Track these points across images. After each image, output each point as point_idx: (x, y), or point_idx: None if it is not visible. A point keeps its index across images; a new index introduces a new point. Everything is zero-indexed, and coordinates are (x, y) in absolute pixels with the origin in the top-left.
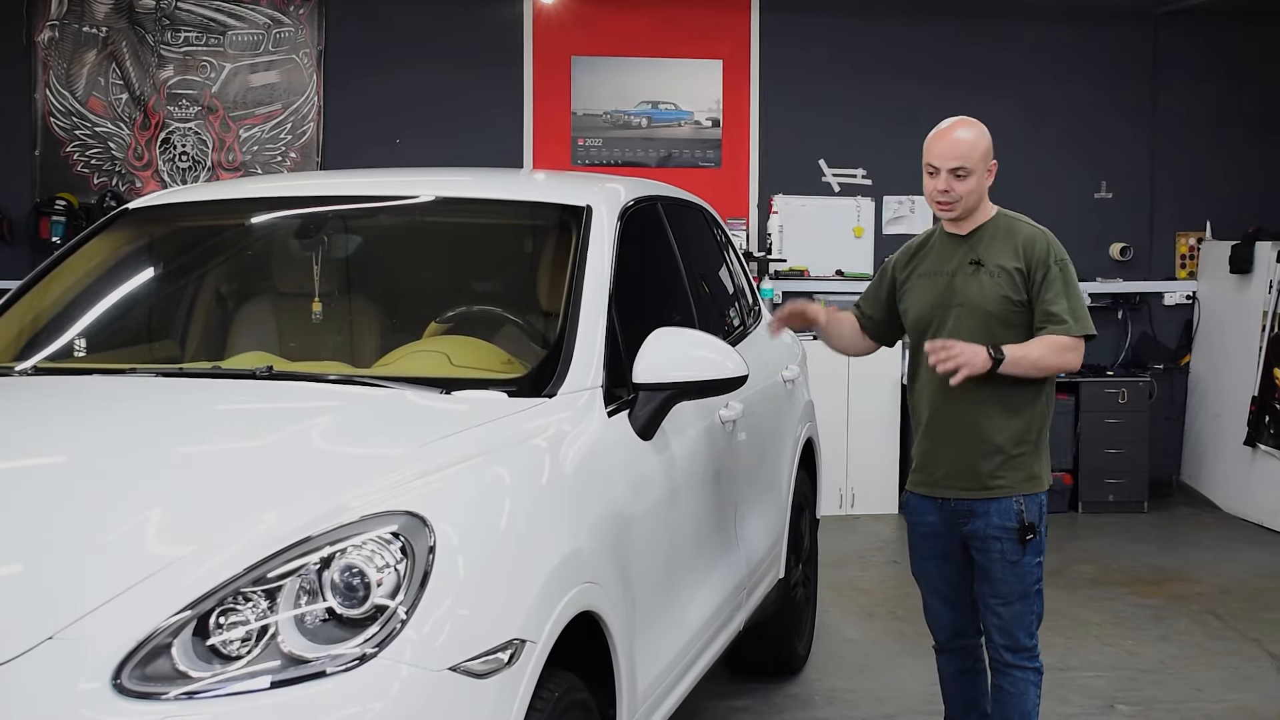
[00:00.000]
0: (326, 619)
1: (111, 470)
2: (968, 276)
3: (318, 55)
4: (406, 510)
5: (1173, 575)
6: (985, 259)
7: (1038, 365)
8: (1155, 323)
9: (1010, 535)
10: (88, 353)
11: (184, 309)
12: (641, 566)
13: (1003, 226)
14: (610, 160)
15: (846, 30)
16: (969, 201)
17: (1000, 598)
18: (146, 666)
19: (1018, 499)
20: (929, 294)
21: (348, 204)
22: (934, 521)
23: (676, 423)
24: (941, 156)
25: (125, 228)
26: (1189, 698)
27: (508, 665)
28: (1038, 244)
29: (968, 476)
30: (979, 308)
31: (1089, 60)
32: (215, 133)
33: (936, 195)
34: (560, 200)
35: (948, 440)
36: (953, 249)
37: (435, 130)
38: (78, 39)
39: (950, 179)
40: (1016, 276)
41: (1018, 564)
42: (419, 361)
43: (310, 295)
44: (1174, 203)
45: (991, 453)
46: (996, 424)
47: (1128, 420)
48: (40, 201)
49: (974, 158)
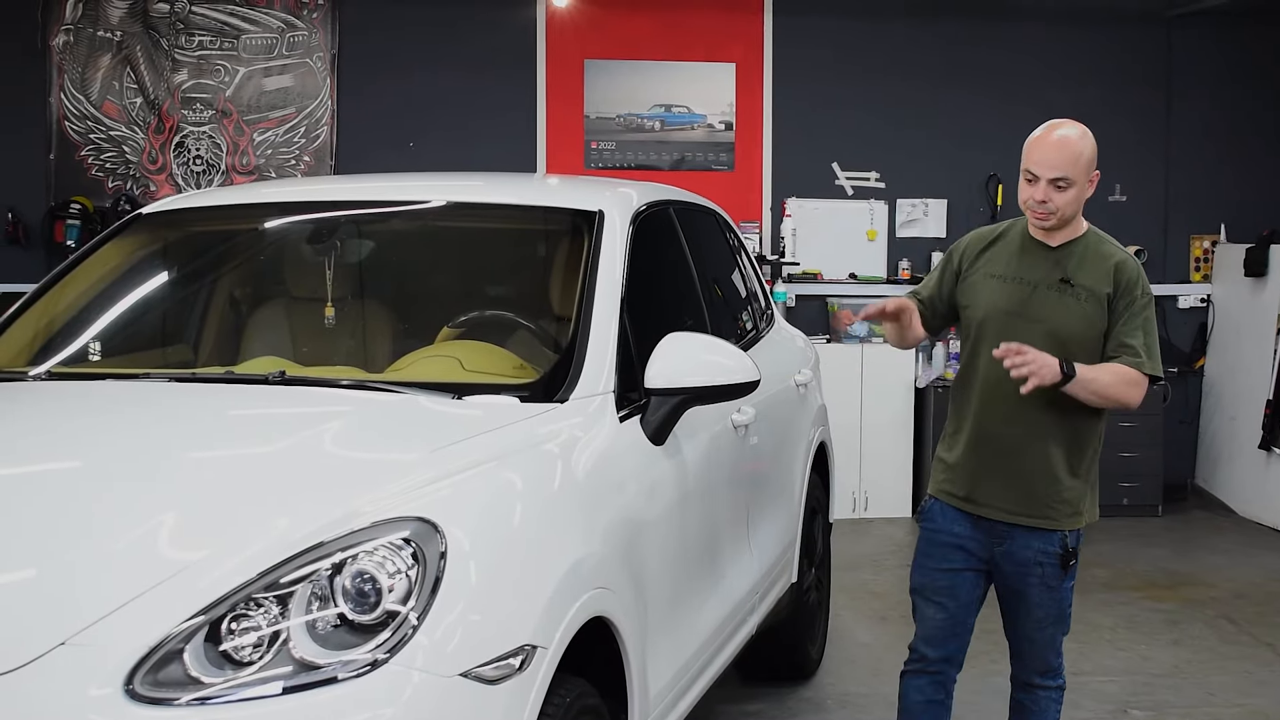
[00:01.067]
0: (338, 625)
1: (123, 475)
2: (1053, 294)
3: (331, 59)
4: (418, 516)
5: (1187, 579)
6: (1075, 279)
7: (1102, 392)
8: (1169, 326)
9: (1052, 560)
10: (102, 358)
11: (197, 314)
12: (653, 571)
13: (1094, 246)
14: (623, 163)
15: (859, 33)
16: (1067, 213)
17: (1036, 623)
18: (159, 672)
19: (1061, 532)
20: (1003, 299)
21: (360, 209)
22: (962, 534)
23: (689, 428)
24: (1042, 164)
25: (139, 232)
26: (1202, 702)
27: (519, 671)
28: (1129, 271)
29: (1016, 501)
30: (1060, 329)
31: (1102, 63)
32: (229, 136)
33: (1034, 205)
34: (572, 205)
35: (997, 459)
36: (1039, 259)
37: (448, 134)
38: (92, 43)
39: (1050, 189)
40: (1104, 302)
41: (1056, 589)
42: (431, 366)
43: (323, 300)
44: (1188, 205)
45: (1046, 481)
46: (1053, 452)
47: (1142, 424)
48: (55, 205)
49: (1078, 167)
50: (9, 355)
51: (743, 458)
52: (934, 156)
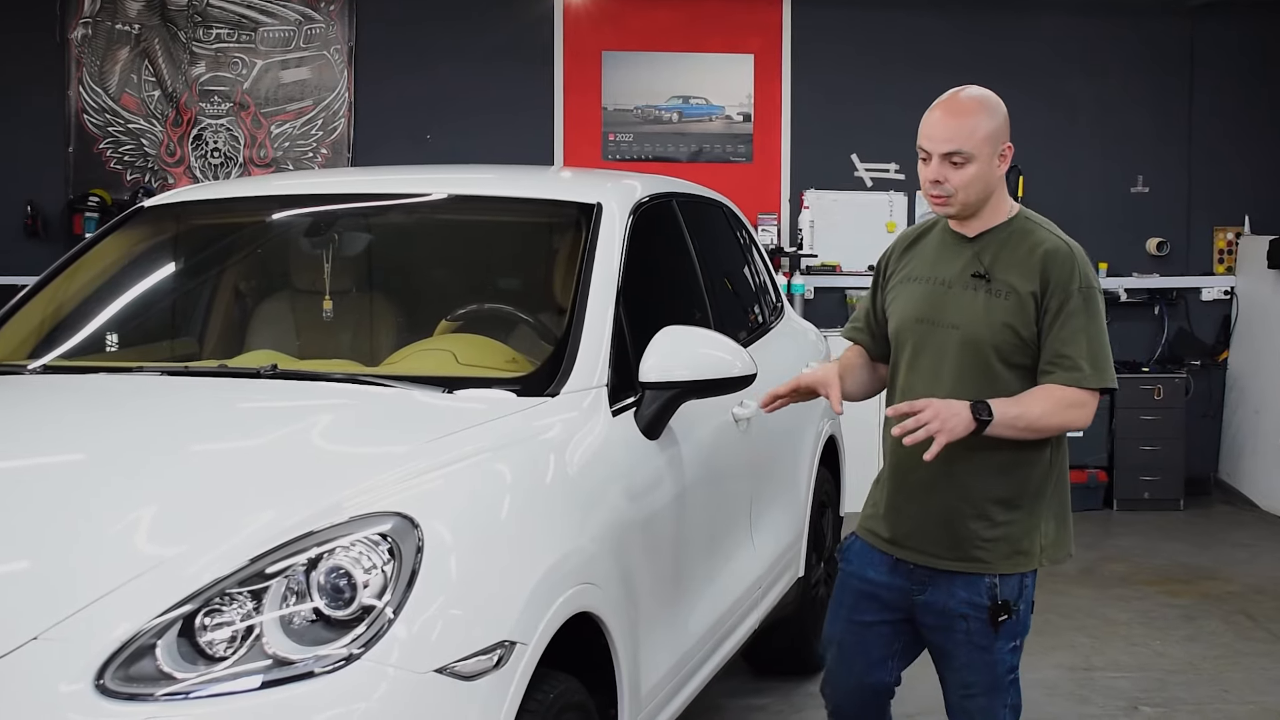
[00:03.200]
0: (314, 620)
1: (106, 470)
2: (968, 292)
3: (349, 51)
4: (395, 511)
5: (1206, 574)
6: (993, 272)
7: (1035, 426)
8: (1193, 318)
9: (979, 614)
10: (100, 351)
11: (195, 307)
12: (646, 566)
13: (1019, 233)
14: (641, 155)
15: (878, 24)
16: (970, 195)
17: (964, 688)
18: (130, 667)
19: (993, 576)
20: (916, 305)
21: (359, 202)
22: (879, 581)
23: (686, 422)
24: (931, 138)
25: (140, 226)
26: (1214, 699)
27: (496, 667)
28: (1060, 261)
29: (936, 540)
30: (974, 335)
31: (1124, 53)
32: (247, 129)
33: (929, 187)
34: (570, 197)
35: (917, 491)
36: (955, 253)
37: (466, 126)
38: (110, 36)
39: (944, 167)
40: (1029, 302)
41: (987, 649)
42: (425, 360)
43: (321, 293)
44: (1212, 197)
45: (972, 515)
46: (980, 482)
47: (1164, 417)
48: (74, 198)
49: (976, 139)
50: (8, 348)
51: (744, 452)
52: None
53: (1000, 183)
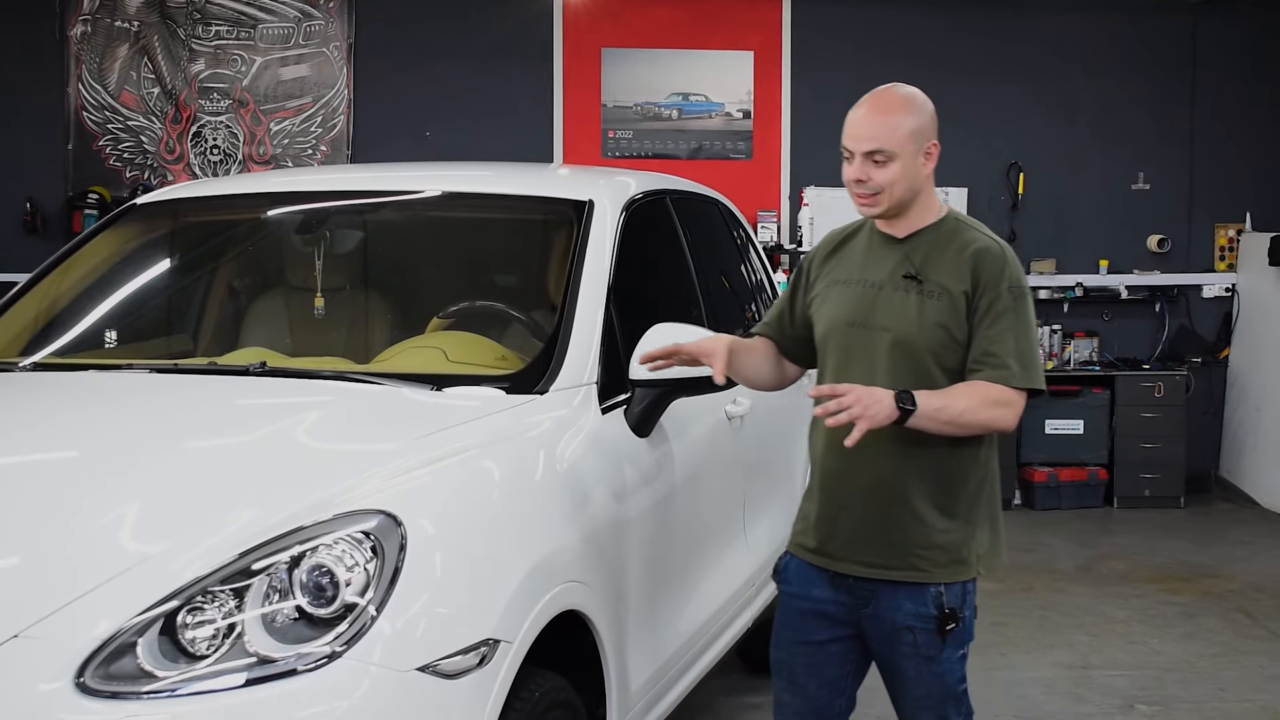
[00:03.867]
0: (297, 618)
1: (89, 468)
2: (899, 295)
3: (348, 48)
4: (378, 509)
5: (1205, 572)
6: (924, 273)
7: (958, 421)
8: (1194, 315)
9: (927, 624)
10: (91, 348)
11: (187, 304)
12: (636, 564)
13: (949, 233)
14: (641, 152)
15: (878, 22)
16: (896, 194)
17: (914, 704)
18: (110, 665)
19: (937, 585)
20: (845, 308)
21: (351, 199)
22: (822, 598)
23: (678, 419)
24: (853, 136)
25: (132, 223)
26: (1211, 697)
27: (479, 666)
28: (991, 260)
29: (875, 550)
30: (907, 338)
31: (1126, 51)
32: (246, 126)
33: (853, 186)
34: (562, 194)
35: (852, 501)
36: (885, 254)
37: (465, 123)
38: (110, 33)
39: (866, 165)
40: (961, 301)
41: (935, 660)
42: (415, 357)
43: (313, 291)
44: (1213, 194)
45: (911, 524)
46: (917, 488)
47: (1164, 414)
48: (73, 195)
49: (898, 136)
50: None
51: (738, 449)
52: (954, 145)
53: (928, 182)
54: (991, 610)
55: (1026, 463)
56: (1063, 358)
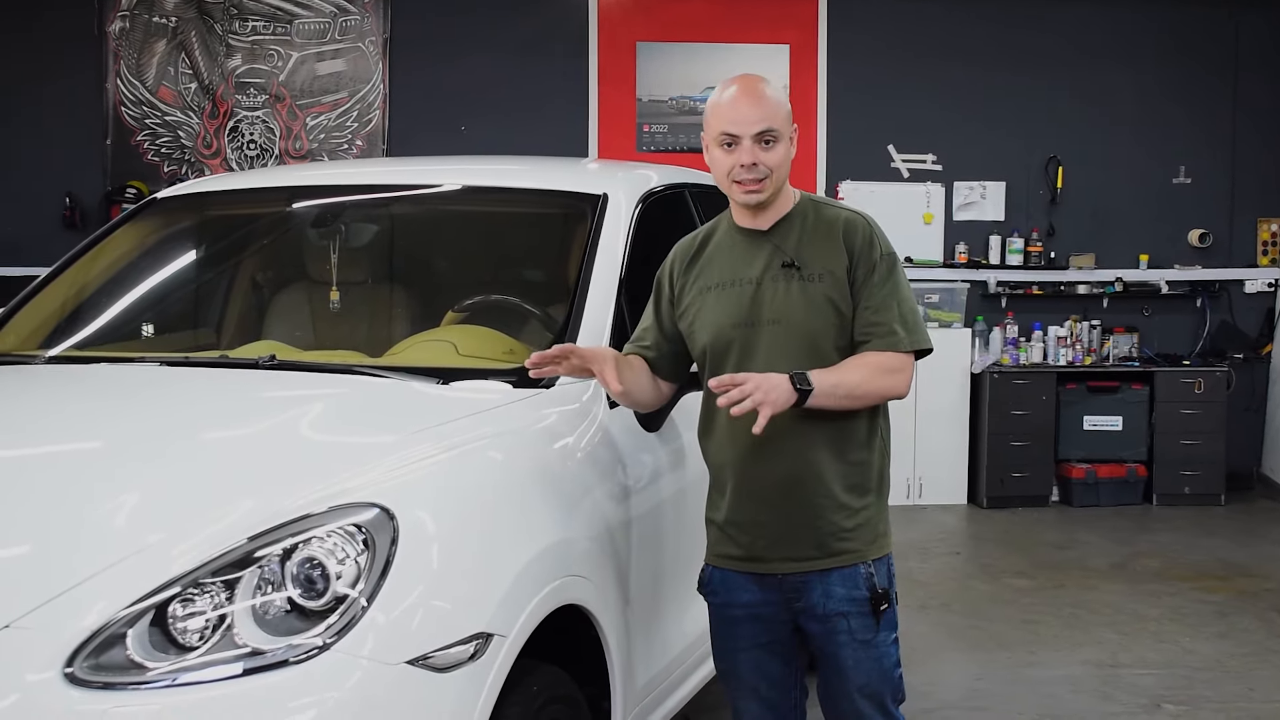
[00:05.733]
0: (289, 610)
1: (91, 461)
2: (780, 284)
3: (383, 43)
4: (372, 502)
5: (1242, 570)
6: (802, 259)
7: (854, 394)
8: (1235, 311)
9: (861, 608)
10: (109, 341)
11: (205, 298)
12: (645, 559)
13: (813, 215)
14: (676, 146)
15: (915, 14)
16: (780, 176)
17: (855, 692)
18: (100, 656)
19: (867, 564)
20: (727, 310)
21: (367, 194)
22: (753, 601)
23: (686, 415)
24: (739, 120)
25: (153, 217)
26: (1239, 697)
27: (471, 660)
28: (859, 232)
29: (801, 542)
30: (800, 325)
31: (1167, 44)
32: (282, 121)
33: (741, 174)
34: (576, 188)
35: (768, 500)
36: (753, 249)
37: (500, 117)
38: (148, 29)
39: (756, 148)
40: (843, 277)
41: (870, 644)
42: (426, 351)
43: (329, 284)
44: (1256, 188)
45: (831, 509)
46: (830, 471)
47: (1205, 411)
48: (111, 189)
49: (781, 117)
50: (19, 338)
51: None
52: (992, 139)
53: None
54: (1022, 608)
55: (1065, 459)
56: (1101, 353)
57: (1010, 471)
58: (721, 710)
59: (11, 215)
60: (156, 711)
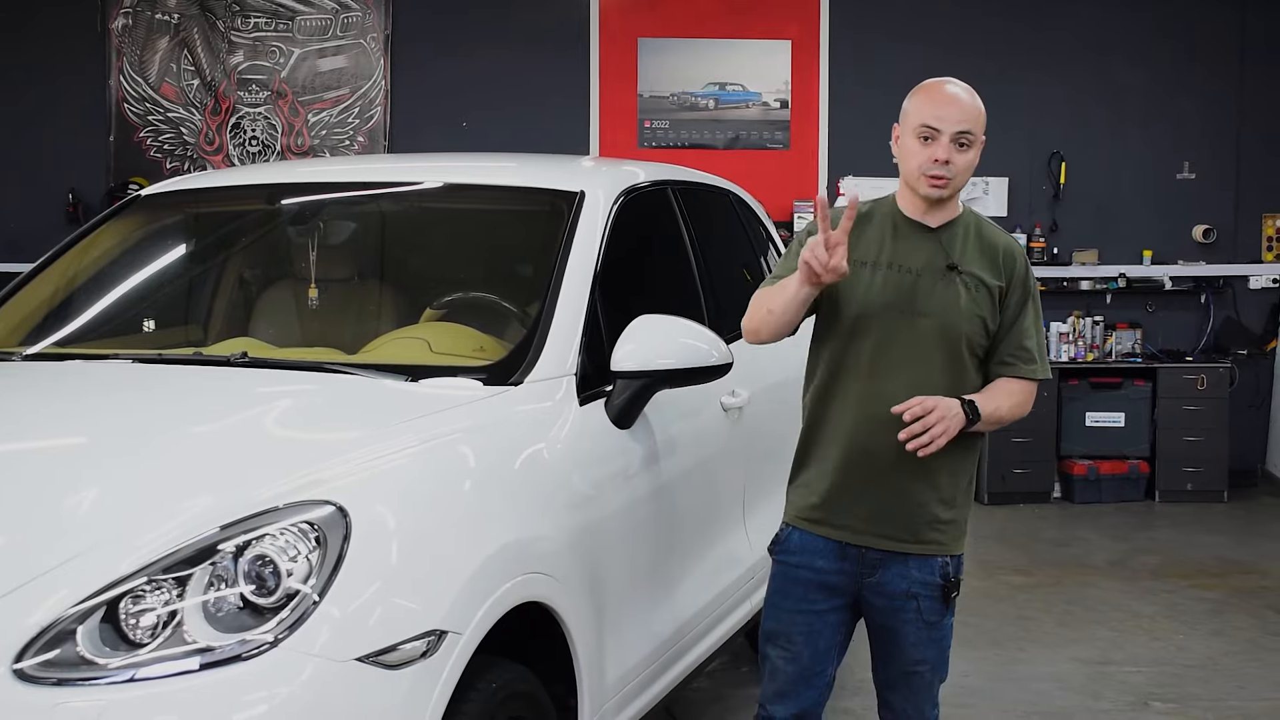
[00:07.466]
0: (243, 607)
1: (46, 459)
2: (939, 282)
3: (385, 39)
4: (325, 499)
5: (1239, 568)
6: (963, 265)
7: (1004, 420)
8: (1240, 307)
9: (932, 593)
10: (88, 339)
11: (187, 295)
12: (617, 556)
13: (975, 228)
14: (677, 142)
15: (917, 10)
16: (961, 180)
17: (911, 668)
18: (49, 653)
19: (946, 558)
20: (882, 292)
21: (349, 191)
22: (827, 568)
23: (666, 412)
24: (944, 118)
25: (136, 214)
26: (1229, 695)
27: (423, 657)
28: (1018, 259)
29: (899, 523)
30: (951, 325)
31: (1170, 39)
32: (284, 117)
33: (932, 168)
34: (554, 185)
35: (878, 476)
36: (918, 241)
37: (501, 113)
38: (150, 26)
39: (952, 147)
40: (996, 295)
41: (936, 625)
42: (400, 348)
43: (307, 282)
44: (1261, 183)
45: (934, 501)
46: (943, 466)
47: (1208, 407)
48: (114, 186)
49: (980, 123)
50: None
51: (735, 440)
52: (994, 134)
53: None
54: (1016, 604)
55: (1066, 455)
56: (1104, 349)
57: (1012, 467)
58: (703, 704)
59: (15, 211)
60: (103, 707)
